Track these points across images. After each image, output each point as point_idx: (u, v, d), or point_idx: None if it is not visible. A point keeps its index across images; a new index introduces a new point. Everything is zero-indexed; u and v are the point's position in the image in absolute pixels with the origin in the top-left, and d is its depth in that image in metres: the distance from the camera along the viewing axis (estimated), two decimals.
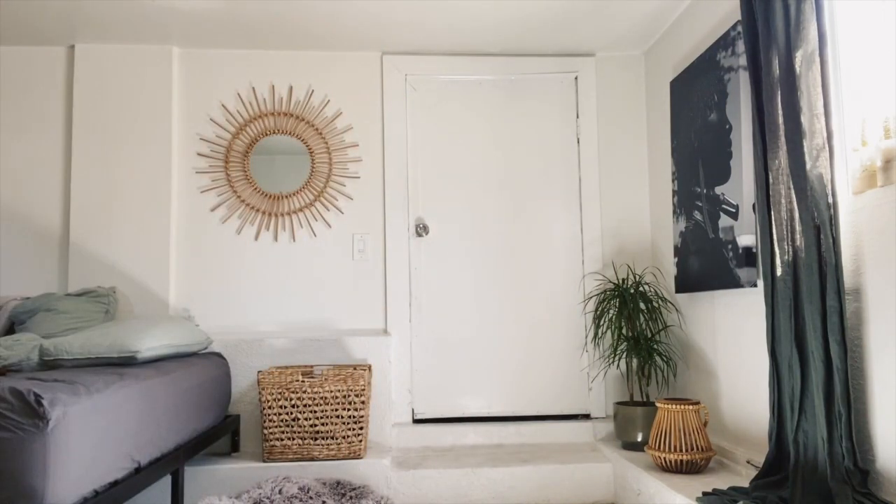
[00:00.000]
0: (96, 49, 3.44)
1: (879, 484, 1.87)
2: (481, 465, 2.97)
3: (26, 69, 3.46)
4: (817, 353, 1.95)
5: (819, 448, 1.95)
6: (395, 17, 3.20)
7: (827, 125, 1.99)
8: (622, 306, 3.18)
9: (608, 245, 3.58)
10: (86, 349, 2.37)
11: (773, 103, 2.15)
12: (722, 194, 2.68)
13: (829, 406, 1.93)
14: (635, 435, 3.00)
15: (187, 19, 3.20)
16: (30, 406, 1.64)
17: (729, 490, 2.20)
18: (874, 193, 1.90)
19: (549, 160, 3.62)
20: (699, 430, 2.56)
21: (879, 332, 1.87)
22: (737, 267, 2.56)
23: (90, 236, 3.35)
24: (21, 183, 3.40)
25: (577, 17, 3.22)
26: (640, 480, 2.63)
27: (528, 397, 3.49)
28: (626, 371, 3.28)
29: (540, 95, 3.66)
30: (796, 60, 2.05)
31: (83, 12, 3.12)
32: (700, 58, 2.88)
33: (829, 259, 1.93)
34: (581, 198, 3.61)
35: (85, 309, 3.04)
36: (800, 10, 2.04)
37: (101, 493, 1.90)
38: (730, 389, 2.73)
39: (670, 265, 3.24)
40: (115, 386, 2.03)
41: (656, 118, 3.49)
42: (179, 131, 3.48)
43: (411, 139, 3.60)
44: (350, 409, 2.94)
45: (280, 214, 3.49)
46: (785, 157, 2.11)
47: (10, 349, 2.38)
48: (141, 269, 3.35)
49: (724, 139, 2.66)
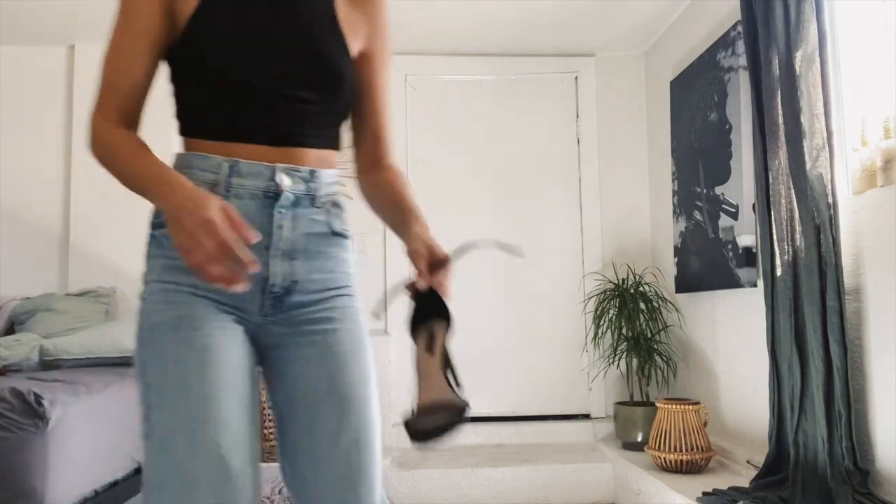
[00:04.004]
0: (96, 49, 3.42)
1: (879, 484, 1.87)
2: (481, 465, 2.97)
3: (26, 69, 3.45)
4: (817, 353, 1.95)
5: (819, 448, 1.95)
6: (395, 17, 3.20)
7: (827, 125, 1.99)
8: (622, 306, 3.17)
9: (608, 245, 3.58)
10: (86, 349, 2.37)
11: (773, 103, 2.15)
12: (722, 194, 2.68)
13: (829, 406, 1.93)
14: (635, 435, 3.00)
15: None
16: (30, 406, 1.64)
17: (729, 490, 2.20)
18: (874, 193, 1.90)
19: (549, 160, 3.62)
20: (699, 430, 2.55)
21: (879, 332, 1.87)
22: (737, 267, 2.56)
23: (90, 236, 3.35)
24: (21, 183, 3.40)
25: (577, 17, 3.22)
26: (640, 480, 2.63)
27: (528, 397, 3.49)
28: (626, 371, 3.28)
29: (540, 95, 3.66)
30: (796, 60, 2.05)
31: (83, 12, 3.12)
32: (700, 58, 2.88)
33: (829, 259, 1.93)
34: (581, 198, 3.61)
35: (85, 309, 3.03)
36: (800, 10, 2.04)
37: (101, 493, 1.90)
38: (730, 389, 2.73)
39: (670, 265, 3.24)
40: (115, 386, 2.03)
41: (656, 118, 3.49)
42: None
43: (411, 139, 3.59)
44: None
45: None
46: (785, 157, 2.11)
47: (10, 349, 2.38)
48: (141, 269, 3.34)
49: (724, 139, 2.66)
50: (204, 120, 1.08)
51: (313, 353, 1.06)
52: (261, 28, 1.06)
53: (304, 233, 1.07)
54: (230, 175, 1.03)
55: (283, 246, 1.04)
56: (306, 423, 1.05)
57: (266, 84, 1.04)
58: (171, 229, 0.89)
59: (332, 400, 1.04)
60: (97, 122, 1.05)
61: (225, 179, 1.03)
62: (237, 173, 1.03)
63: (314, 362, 1.06)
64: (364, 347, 1.11)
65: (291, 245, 1.05)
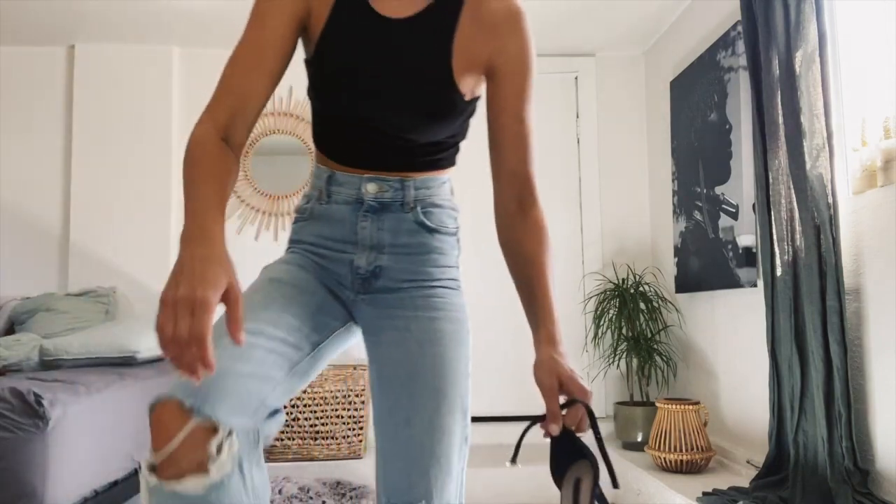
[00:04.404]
0: (96, 49, 3.44)
1: (879, 484, 1.87)
2: (481, 465, 2.97)
3: (26, 69, 3.45)
4: (817, 353, 1.95)
5: (819, 448, 1.95)
6: None
7: (827, 125, 1.99)
8: (622, 306, 3.17)
9: (608, 245, 3.58)
10: (86, 349, 2.37)
11: (773, 103, 2.15)
12: (722, 194, 2.68)
13: (829, 406, 1.93)
14: (635, 435, 3.00)
15: (187, 19, 3.20)
16: (30, 406, 1.64)
17: (729, 490, 2.20)
18: (874, 193, 1.90)
19: (549, 160, 3.62)
20: (699, 430, 2.55)
21: (879, 332, 1.87)
22: (737, 267, 2.56)
23: (90, 236, 3.35)
24: (21, 183, 3.40)
25: (577, 17, 3.22)
26: (640, 480, 2.63)
27: (528, 397, 3.48)
28: (626, 371, 3.28)
29: (540, 95, 3.64)
30: (796, 60, 2.05)
31: (83, 12, 3.12)
32: (700, 58, 2.88)
33: (829, 259, 1.93)
34: (581, 198, 3.61)
35: (85, 309, 3.03)
36: (800, 10, 2.04)
37: (101, 493, 1.90)
38: (730, 389, 2.73)
39: (670, 265, 3.24)
40: (115, 386, 2.03)
41: (656, 118, 3.49)
42: (179, 131, 3.48)
43: None
44: (350, 408, 2.94)
45: (280, 214, 3.49)
46: (785, 157, 2.11)
47: (10, 349, 2.38)
48: (141, 269, 3.35)
49: (724, 139, 2.66)
50: (320, 137, 1.20)
51: (395, 337, 1.12)
52: (367, 74, 1.10)
53: (390, 231, 1.17)
54: (329, 184, 1.18)
55: (366, 242, 1.16)
56: (388, 403, 1.09)
57: (366, 125, 1.13)
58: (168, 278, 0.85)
59: (411, 385, 1.07)
60: (199, 127, 1.05)
61: (325, 187, 1.18)
62: (335, 182, 1.17)
63: (397, 347, 1.11)
64: (451, 337, 1.13)
65: (377, 241, 1.16)
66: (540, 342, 1.05)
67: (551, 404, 0.96)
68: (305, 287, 1.13)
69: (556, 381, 0.98)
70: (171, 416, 0.89)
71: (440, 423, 1.05)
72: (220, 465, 0.89)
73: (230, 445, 0.90)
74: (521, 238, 1.17)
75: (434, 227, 1.19)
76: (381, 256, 1.16)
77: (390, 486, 1.05)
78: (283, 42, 1.09)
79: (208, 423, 0.89)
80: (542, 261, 1.13)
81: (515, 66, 1.17)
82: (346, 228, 1.16)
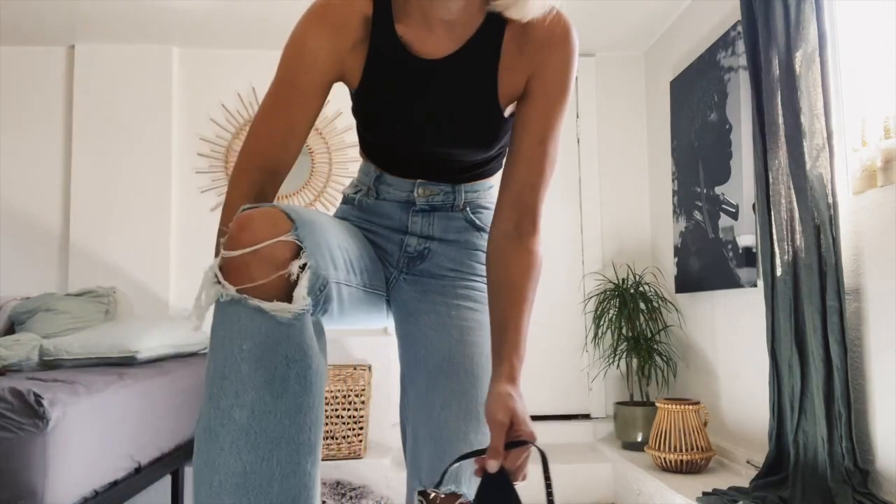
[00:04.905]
0: (96, 49, 3.44)
1: (879, 484, 1.87)
2: None
3: (26, 69, 3.45)
4: (817, 353, 1.95)
5: (819, 448, 1.95)
6: None
7: (827, 125, 1.99)
8: (622, 306, 3.17)
9: (608, 245, 3.58)
10: (86, 349, 2.37)
11: (773, 103, 2.15)
12: (722, 194, 2.68)
13: (829, 406, 1.93)
14: (635, 435, 3.00)
15: (187, 19, 3.20)
16: (30, 406, 1.64)
17: (729, 490, 2.19)
18: (874, 193, 1.90)
19: None
20: (699, 430, 2.55)
21: (879, 332, 1.87)
22: (737, 267, 2.56)
23: (90, 236, 3.35)
24: (21, 183, 3.40)
25: (577, 17, 3.22)
26: (640, 480, 2.63)
27: (527, 397, 3.47)
28: (626, 371, 3.28)
29: None
30: (796, 60, 2.05)
31: (83, 12, 3.12)
32: (700, 58, 2.88)
33: (829, 259, 1.93)
34: (581, 198, 3.61)
35: (85, 309, 3.03)
36: (800, 10, 2.04)
37: (101, 493, 1.89)
38: (730, 389, 2.73)
39: (670, 265, 3.24)
40: (115, 386, 2.03)
41: (656, 118, 3.49)
42: (179, 131, 3.48)
43: None
44: (350, 409, 2.94)
45: None
46: (785, 157, 2.11)
47: (10, 349, 2.38)
48: (141, 269, 3.35)
49: (724, 139, 2.66)
50: (367, 149, 1.23)
51: (436, 321, 1.13)
52: (413, 118, 1.11)
53: (440, 227, 1.22)
54: (378, 182, 1.21)
55: (417, 232, 1.21)
56: (423, 387, 1.08)
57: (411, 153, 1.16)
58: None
59: (449, 370, 1.07)
60: (233, 193, 1.07)
61: (374, 185, 1.22)
62: (384, 182, 1.21)
63: (436, 331, 1.12)
64: (488, 330, 1.13)
65: (427, 233, 1.21)
66: (500, 376, 0.98)
67: (496, 440, 0.89)
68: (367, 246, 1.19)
69: (509, 419, 0.91)
70: (266, 220, 0.86)
71: (476, 410, 1.05)
72: (300, 294, 0.85)
73: (310, 279, 0.87)
74: (509, 263, 1.08)
75: (482, 226, 1.24)
76: (432, 242, 1.21)
77: (422, 468, 1.03)
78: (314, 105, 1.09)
79: (296, 245, 0.87)
80: (524, 294, 1.07)
81: (549, 87, 1.10)
82: (396, 222, 1.22)
